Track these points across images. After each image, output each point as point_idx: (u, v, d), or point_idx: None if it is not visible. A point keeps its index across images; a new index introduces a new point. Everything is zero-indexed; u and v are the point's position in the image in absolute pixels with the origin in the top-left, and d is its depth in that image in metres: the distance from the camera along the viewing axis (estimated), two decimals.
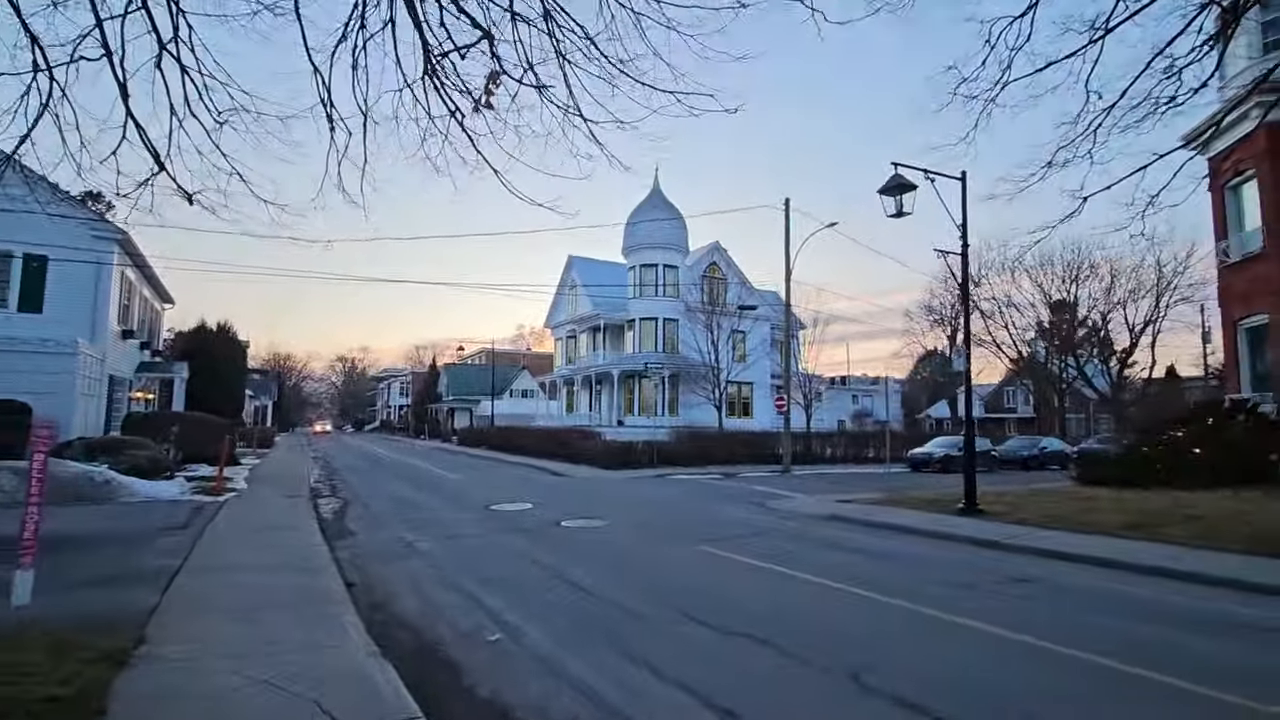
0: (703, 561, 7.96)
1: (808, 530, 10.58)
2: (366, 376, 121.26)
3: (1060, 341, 47.55)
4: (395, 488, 16.69)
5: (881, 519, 11.36)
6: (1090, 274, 45.09)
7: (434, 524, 10.77)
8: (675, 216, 38.78)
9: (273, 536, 9.12)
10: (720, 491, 16.91)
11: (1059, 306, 50.42)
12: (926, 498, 13.61)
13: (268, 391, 59.30)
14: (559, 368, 46.66)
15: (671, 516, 11.88)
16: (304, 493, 14.70)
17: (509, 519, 11.34)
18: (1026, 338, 51.32)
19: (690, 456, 24.59)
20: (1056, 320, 51.30)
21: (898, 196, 11.04)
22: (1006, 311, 48.48)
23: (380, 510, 12.40)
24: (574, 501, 13.93)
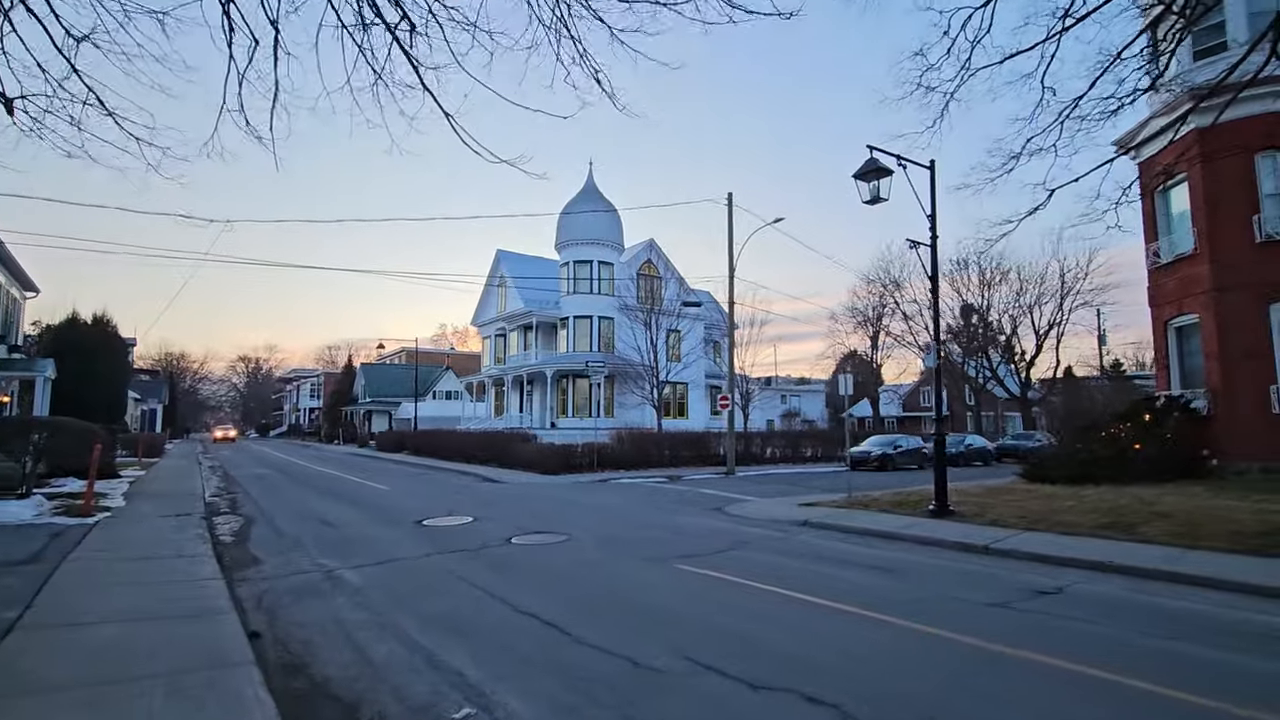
0: (690, 585, 6.89)
1: (785, 540, 9.72)
2: (272, 378, 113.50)
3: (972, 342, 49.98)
4: (309, 501, 14.72)
5: (855, 524, 10.68)
6: (1001, 279, 47.41)
7: (359, 546, 9.18)
8: (610, 211, 37.71)
9: (152, 569, 7.35)
10: (672, 496, 15.93)
11: (967, 310, 53.23)
12: (890, 499, 13.14)
13: (157, 394, 53.72)
14: (486, 367, 44.54)
15: (633, 529, 10.75)
16: (197, 510, 12.59)
17: (449, 537, 9.88)
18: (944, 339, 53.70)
19: (632, 459, 23.55)
20: (965, 323, 54.17)
21: (874, 181, 10.41)
22: (927, 314, 50.53)
23: (292, 530, 10.61)
24: (519, 513, 12.56)
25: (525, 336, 41.22)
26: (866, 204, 10.47)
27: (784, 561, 8.04)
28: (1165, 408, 14.77)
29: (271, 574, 7.49)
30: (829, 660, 4.61)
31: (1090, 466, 14.51)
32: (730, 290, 24.49)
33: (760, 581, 6.88)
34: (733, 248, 24.42)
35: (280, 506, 13.64)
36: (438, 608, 6.02)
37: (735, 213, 24.40)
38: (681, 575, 7.26)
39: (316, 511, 12.84)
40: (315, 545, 9.21)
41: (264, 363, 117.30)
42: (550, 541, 9.31)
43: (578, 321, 37.30)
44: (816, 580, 7.01)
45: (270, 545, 9.29)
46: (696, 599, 6.30)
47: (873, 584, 6.96)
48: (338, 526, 10.95)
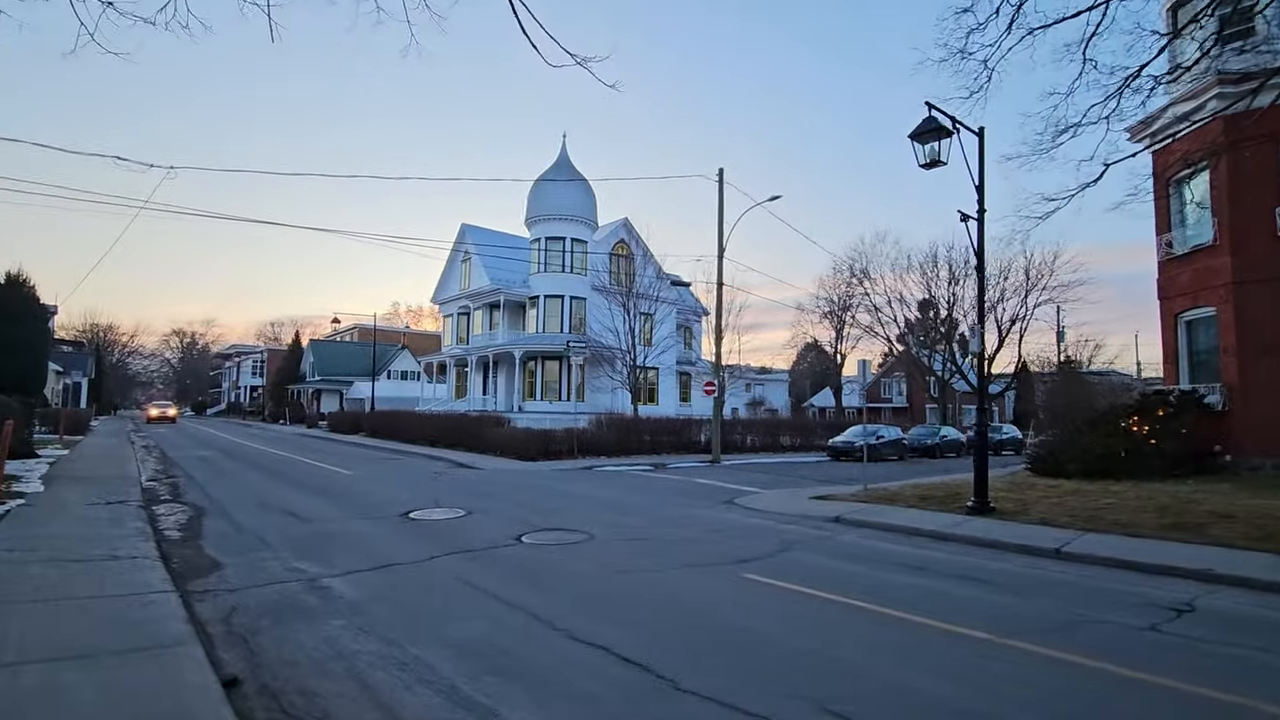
0: (769, 601, 5.73)
1: (831, 541, 8.68)
2: (209, 354, 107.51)
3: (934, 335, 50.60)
4: (266, 488, 12.97)
5: (895, 522, 9.74)
6: (968, 275, 47.70)
7: (341, 545, 7.70)
8: (584, 186, 36.08)
9: (80, 578, 5.76)
10: (671, 487, 14.79)
11: (925, 305, 53.86)
12: (913, 494, 12.29)
13: (82, 367, 49.46)
14: (448, 347, 42.41)
15: (656, 525, 9.54)
16: (133, 497, 10.76)
17: (447, 534, 8.47)
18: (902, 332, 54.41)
19: (612, 445, 22.31)
20: (923, 317, 54.84)
21: (931, 144, 9.38)
22: (896, 306, 50.81)
23: (253, 524, 9.00)
24: (515, 505, 11.18)
25: (491, 315, 39.33)
26: (923, 168, 9.44)
27: (853, 569, 6.97)
28: (1180, 402, 14.40)
29: (237, 583, 5.98)
30: (1021, 716, 3.51)
31: (1106, 461, 14.04)
32: (719, 272, 23.43)
33: (846, 596, 5.78)
34: (722, 227, 23.32)
35: (233, 494, 11.88)
36: (468, 633, 4.69)
37: (721, 192, 23.26)
38: (749, 588, 6.09)
39: (278, 501, 11.16)
40: (285, 544, 7.67)
41: (200, 337, 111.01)
42: (570, 541, 8.01)
43: (548, 301, 35.65)
44: (909, 594, 5.95)
45: (229, 544, 7.71)
46: (788, 620, 5.14)
47: (973, 598, 5.95)
48: (308, 520, 9.37)
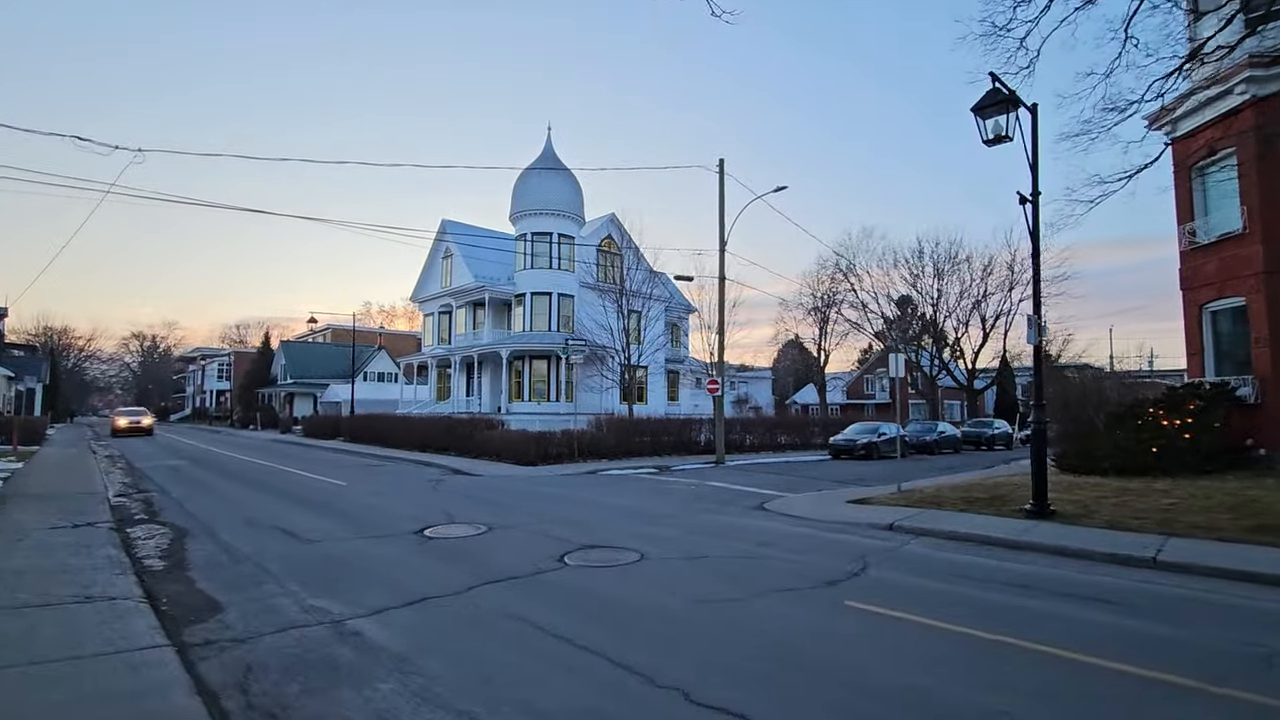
0: (888, 635, 4.86)
1: (902, 553, 7.86)
2: (171, 357, 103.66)
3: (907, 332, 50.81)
4: (252, 502, 11.74)
5: (959, 529, 8.97)
6: (953, 269, 47.80)
7: (356, 573, 6.63)
8: (571, 180, 35.00)
9: (45, 629, 4.65)
10: (691, 492, 13.89)
11: (904, 301, 54.02)
12: (957, 496, 11.58)
13: (35, 372, 46.74)
14: (429, 348, 40.92)
15: (707, 539, 8.62)
16: (101, 517, 9.51)
17: (473, 556, 7.44)
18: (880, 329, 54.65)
19: (612, 448, 21.35)
20: (901, 313, 55.02)
21: (994, 118, 8.64)
22: (882, 302, 50.80)
23: (247, 547, 7.85)
24: (538, 518, 10.16)
25: (474, 314, 38.01)
26: (988, 144, 8.71)
27: (955, 590, 6.14)
28: (1214, 395, 13.98)
29: (245, 630, 4.91)
30: None
31: (1141, 457, 13.56)
32: (721, 265, 22.56)
33: (978, 628, 4.93)
34: (724, 219, 22.50)
35: (216, 510, 10.64)
36: (559, 699, 3.72)
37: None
38: (860, 619, 5.22)
39: (268, 517, 9.98)
40: (291, 572, 6.58)
41: (161, 340, 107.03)
42: (621, 562, 7.05)
43: (536, 298, 34.47)
44: (1045, 624, 5.14)
45: (224, 574, 6.58)
46: (933, 666, 4.26)
47: (1112, 624, 5.16)
48: (309, 540, 8.25)
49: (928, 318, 50.82)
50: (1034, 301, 9.81)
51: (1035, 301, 9.80)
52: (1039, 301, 9.78)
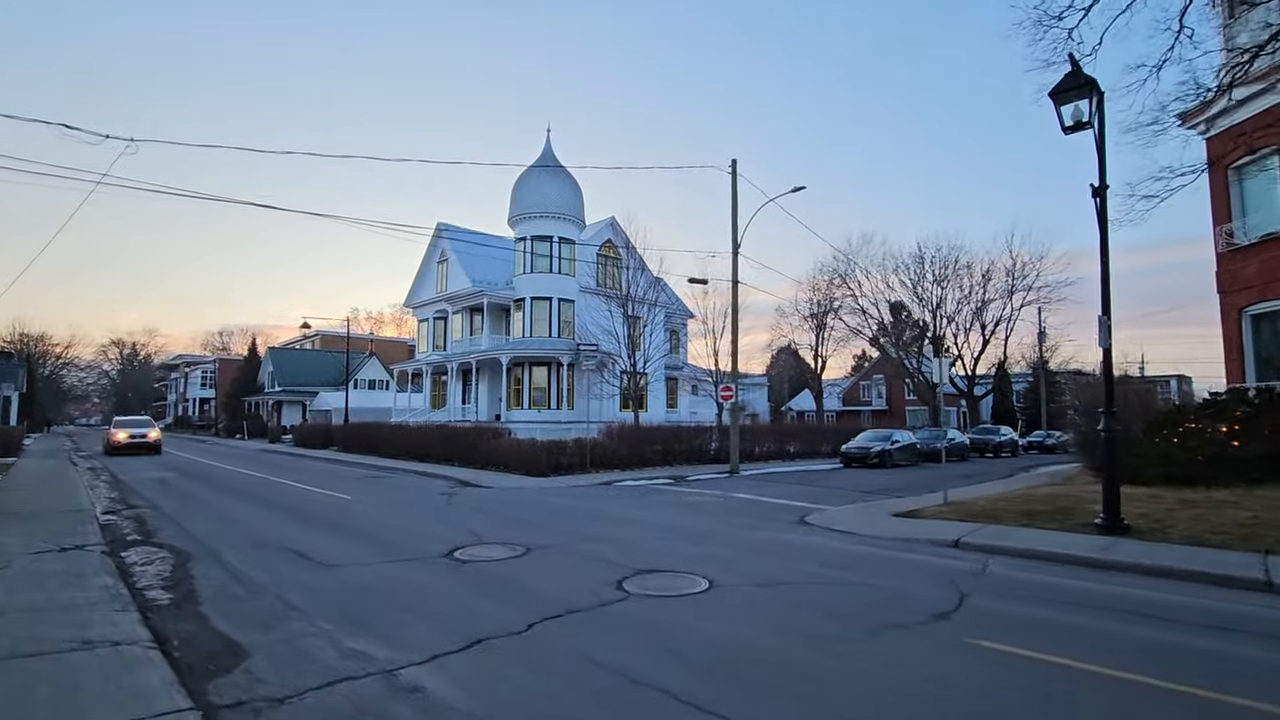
0: (1032, 681, 4.14)
1: (996, 578, 7.16)
2: (152, 364, 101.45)
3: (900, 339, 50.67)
4: (254, 519, 10.84)
5: (1037, 547, 8.29)
6: (953, 275, 47.54)
7: (393, 606, 5.82)
8: (571, 182, 34.30)
9: (39, 689, 3.82)
10: (723, 505, 13.16)
11: (896, 308, 53.83)
12: (1013, 510, 10.93)
13: (13, 379, 45.06)
14: (424, 354, 39.91)
15: (756, 558, 7.88)
16: (91, 538, 8.60)
17: (520, 583, 6.65)
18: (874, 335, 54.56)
19: (625, 457, 20.58)
20: (895, 319, 54.83)
21: (1077, 103, 8.05)
22: (882, 308, 50.48)
23: (259, 574, 7.00)
24: (568, 535, 9.38)
25: (471, 319, 37.13)
26: (1067, 132, 8.12)
27: (1079, 622, 5.44)
28: (1263, 401, 13.50)
29: (280, 684, 4.09)
30: None
31: (1189, 466, 13.03)
32: (734, 269, 21.93)
33: (1115, 668, 4.22)
34: (736, 221, 21.88)
35: (216, 529, 9.75)
36: None
37: (735, 185, 21.83)
38: (997, 662, 4.49)
39: (276, 537, 9.11)
40: (317, 605, 5.76)
41: (141, 348, 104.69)
42: (689, 591, 6.28)
43: (536, 303, 33.65)
44: (1180, 659, 4.47)
45: (241, 609, 5.75)
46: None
47: (1269, 662, 4.50)
48: (329, 564, 7.41)
49: (924, 324, 50.66)
50: (1103, 301, 9.20)
51: (1104, 300, 9.19)
52: (1109, 300, 9.18)
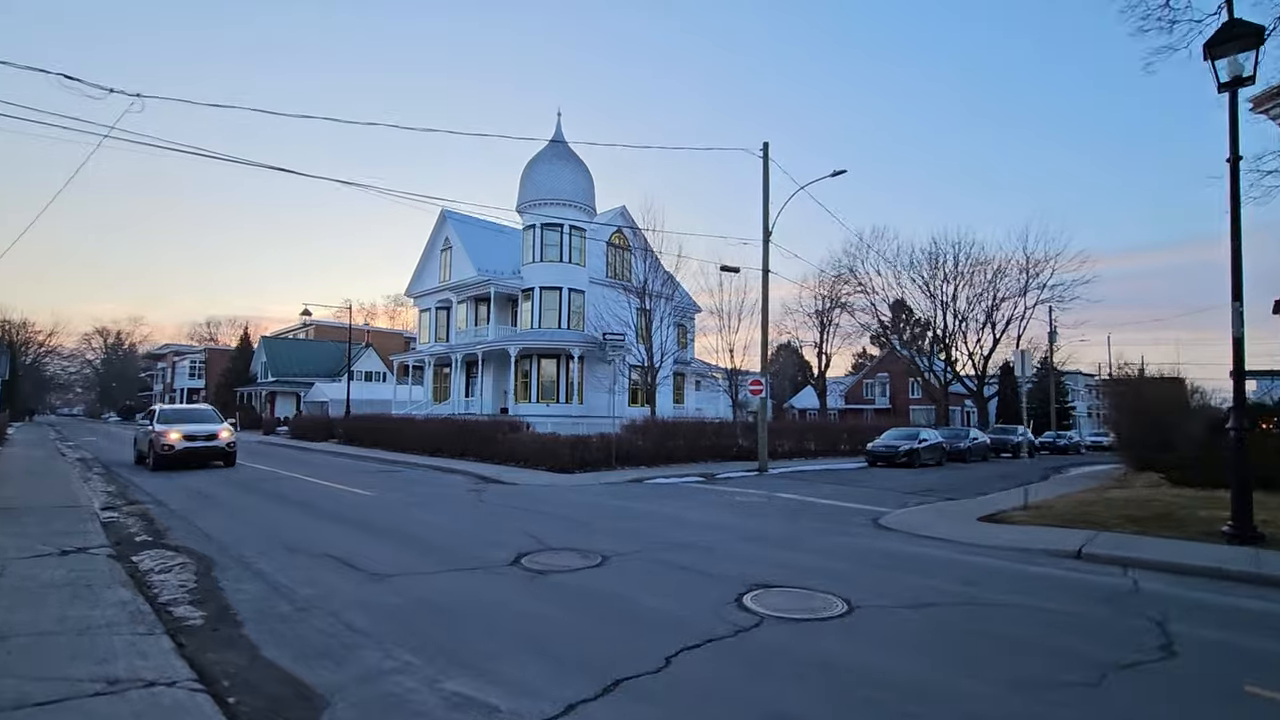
0: None
1: (1164, 596, 6.23)
2: (137, 354, 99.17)
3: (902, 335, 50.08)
4: (277, 517, 9.72)
5: (1182, 560, 7.36)
6: (972, 272, 46.52)
7: (480, 630, 4.78)
8: (582, 169, 33.16)
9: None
10: (770, 505, 12.19)
11: (898, 306, 53.16)
12: (1114, 514, 10.02)
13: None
14: (426, 345, 38.64)
15: (880, 575, 6.91)
16: (94, 539, 7.48)
17: (621, 602, 5.61)
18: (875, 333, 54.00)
19: (650, 453, 19.57)
20: (895, 318, 54.20)
21: (1236, 56, 7.12)
22: (882, 304, 49.68)
23: (301, 584, 5.93)
24: (632, 539, 8.36)
25: (477, 309, 35.95)
26: (1223, 89, 7.21)
27: None
28: None
29: None
30: None
31: (1269, 470, 12.22)
32: (765, 257, 20.91)
33: None
34: (768, 208, 20.89)
35: (237, 529, 8.63)
36: None
37: (766, 170, 20.83)
38: None
39: (307, 539, 8.01)
40: (387, 630, 4.71)
41: (126, 337, 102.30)
42: (831, 614, 5.26)
43: (545, 293, 32.49)
44: None
45: (296, 634, 4.68)
46: None
47: None
48: (380, 574, 6.34)
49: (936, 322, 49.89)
50: (1233, 285, 8.28)
51: (1235, 284, 8.27)
52: (1240, 284, 8.26)
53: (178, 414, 18.00)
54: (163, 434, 16.01)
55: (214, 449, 16.66)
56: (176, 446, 15.93)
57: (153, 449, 16.07)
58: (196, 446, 16.33)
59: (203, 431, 16.71)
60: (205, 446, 16.49)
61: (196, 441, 16.36)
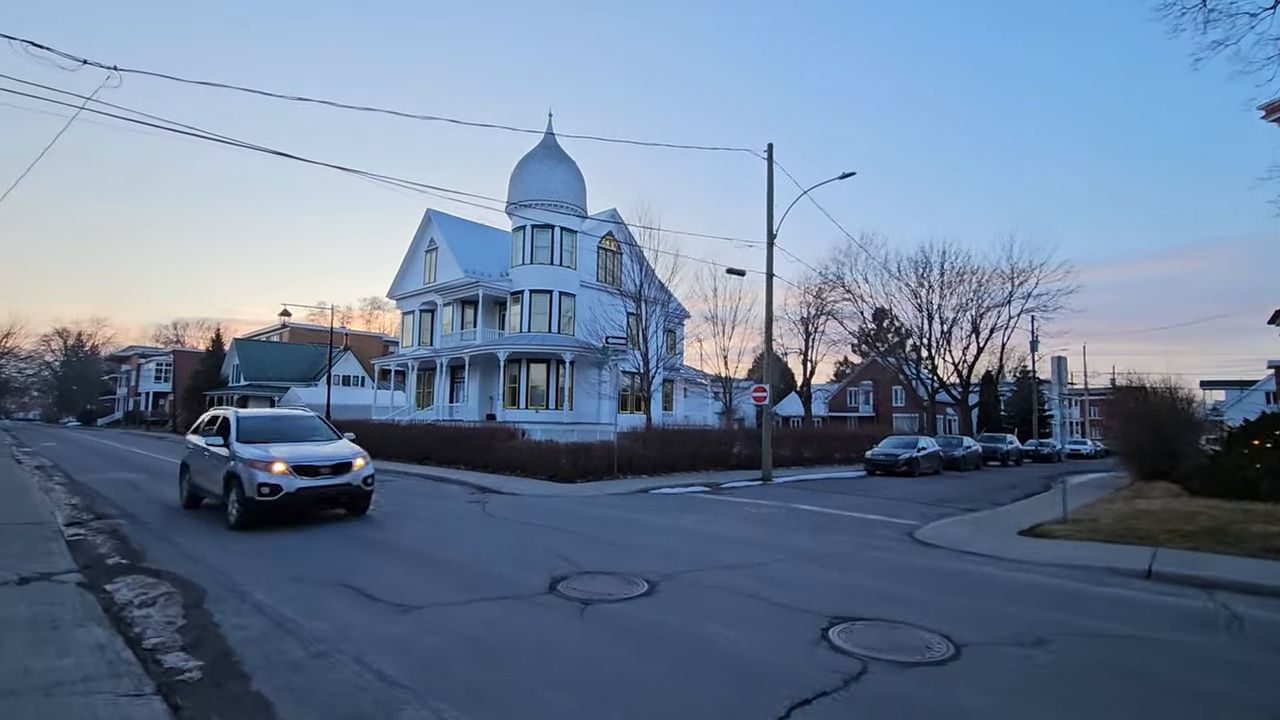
0: None
1: (1269, 628, 5.69)
2: (99, 356, 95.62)
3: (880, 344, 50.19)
4: None
5: (1263, 581, 6.87)
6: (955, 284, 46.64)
7: (540, 681, 4.01)
8: (574, 170, 32.46)
9: None
10: (792, 518, 11.54)
11: (879, 314, 53.34)
12: (1162, 527, 9.55)
13: None
14: (409, 348, 37.42)
15: (976, 605, 6.29)
16: (61, 563, 6.54)
17: (693, 641, 4.88)
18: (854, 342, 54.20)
19: (653, 462, 18.85)
20: (878, 327, 54.38)
21: None
22: (866, 311, 49.70)
23: (313, 621, 5.09)
24: (674, 559, 7.62)
25: (463, 312, 34.88)
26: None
27: None
28: None
29: None
30: None
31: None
32: (769, 261, 20.36)
33: None
34: (772, 210, 20.39)
35: (226, 549, 7.69)
36: None
37: (771, 171, 20.34)
38: None
39: (305, 561, 7.12)
40: (424, 677, 3.93)
41: (88, 338, 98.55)
42: (938, 657, 4.55)
43: (535, 297, 31.64)
44: None
45: (316, 686, 3.85)
46: None
47: None
48: (402, 605, 5.51)
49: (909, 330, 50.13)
50: None
51: None
52: None
53: (270, 425, 10.67)
54: (261, 463, 9.16)
55: (345, 490, 9.80)
56: (285, 486, 9.13)
57: (234, 488, 9.26)
58: (319, 485, 9.54)
59: (324, 459, 9.77)
60: (332, 486, 9.66)
61: (318, 477, 9.56)
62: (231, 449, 9.56)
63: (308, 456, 9.61)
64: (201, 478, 10.56)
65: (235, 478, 9.22)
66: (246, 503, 8.95)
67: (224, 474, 9.48)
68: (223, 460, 9.64)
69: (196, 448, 10.98)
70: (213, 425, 10.88)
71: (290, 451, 9.53)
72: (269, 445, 9.60)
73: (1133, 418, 18.94)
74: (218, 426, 10.55)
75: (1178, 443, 17.23)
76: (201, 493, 10.74)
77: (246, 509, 8.96)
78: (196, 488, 10.85)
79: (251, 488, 8.93)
